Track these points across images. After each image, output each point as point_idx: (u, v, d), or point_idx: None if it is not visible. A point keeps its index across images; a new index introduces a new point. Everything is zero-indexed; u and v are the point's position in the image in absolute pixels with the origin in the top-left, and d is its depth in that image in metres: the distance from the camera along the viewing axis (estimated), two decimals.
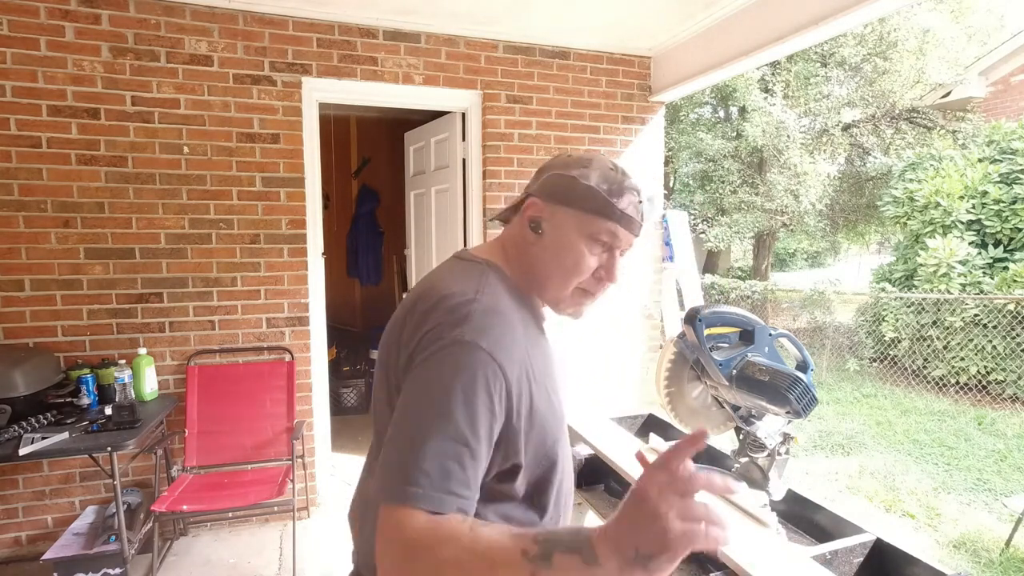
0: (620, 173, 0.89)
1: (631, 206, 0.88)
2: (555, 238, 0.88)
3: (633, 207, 0.88)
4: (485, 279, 0.85)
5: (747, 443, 1.38)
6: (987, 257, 5.67)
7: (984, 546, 2.98)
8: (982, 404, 5.34)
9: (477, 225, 3.45)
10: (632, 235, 0.90)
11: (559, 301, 0.91)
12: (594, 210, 0.86)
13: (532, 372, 0.81)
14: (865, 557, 1.13)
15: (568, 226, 0.87)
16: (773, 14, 2.74)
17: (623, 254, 0.91)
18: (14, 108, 2.55)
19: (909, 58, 7.69)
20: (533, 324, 0.88)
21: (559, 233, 0.87)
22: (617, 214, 0.86)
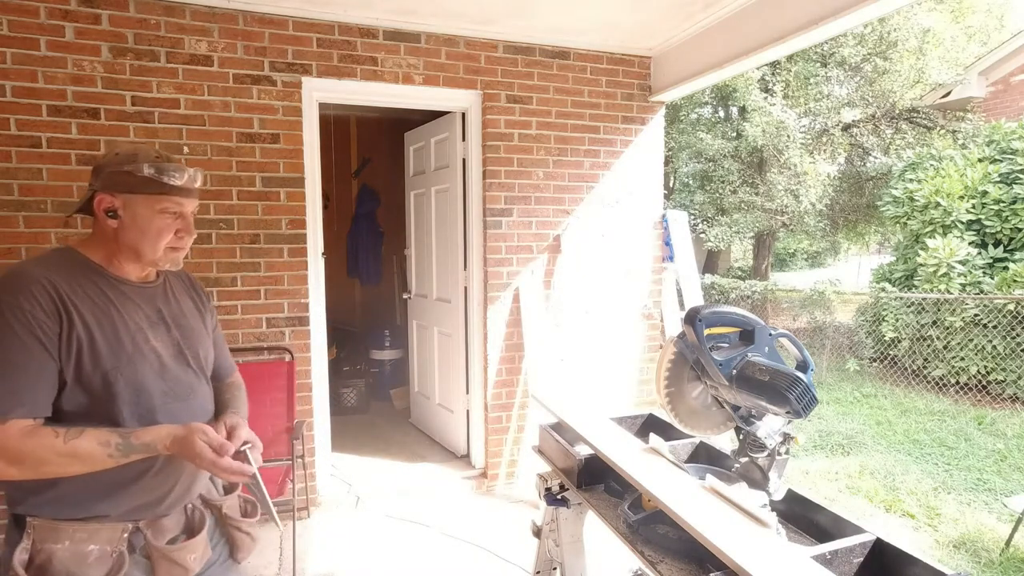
0: (164, 157, 1.18)
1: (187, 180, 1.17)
2: (134, 219, 1.14)
3: (189, 180, 1.17)
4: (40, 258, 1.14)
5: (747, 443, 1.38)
6: (987, 257, 5.66)
7: (984, 546, 2.98)
8: (982, 404, 5.34)
9: (477, 225, 3.45)
10: (190, 199, 1.19)
11: (156, 260, 1.18)
12: (155, 191, 1.13)
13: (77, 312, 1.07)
14: (865, 557, 1.12)
15: (142, 208, 1.14)
16: (773, 14, 2.74)
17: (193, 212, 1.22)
18: (14, 108, 2.55)
19: (909, 58, 7.69)
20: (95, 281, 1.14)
21: (137, 215, 1.14)
22: (175, 189, 1.15)
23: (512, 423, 3.54)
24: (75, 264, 1.15)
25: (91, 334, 1.08)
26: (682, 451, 1.63)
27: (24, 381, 1.02)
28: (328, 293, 3.29)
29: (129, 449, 1.05)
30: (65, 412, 1.08)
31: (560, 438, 1.75)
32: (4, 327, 1.02)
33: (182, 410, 1.20)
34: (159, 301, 1.24)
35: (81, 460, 1.03)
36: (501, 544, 2.86)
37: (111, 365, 1.09)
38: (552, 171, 3.48)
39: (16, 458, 1.00)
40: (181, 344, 1.24)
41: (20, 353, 1.02)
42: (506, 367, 3.52)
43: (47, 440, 1.01)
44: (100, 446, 1.03)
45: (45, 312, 1.04)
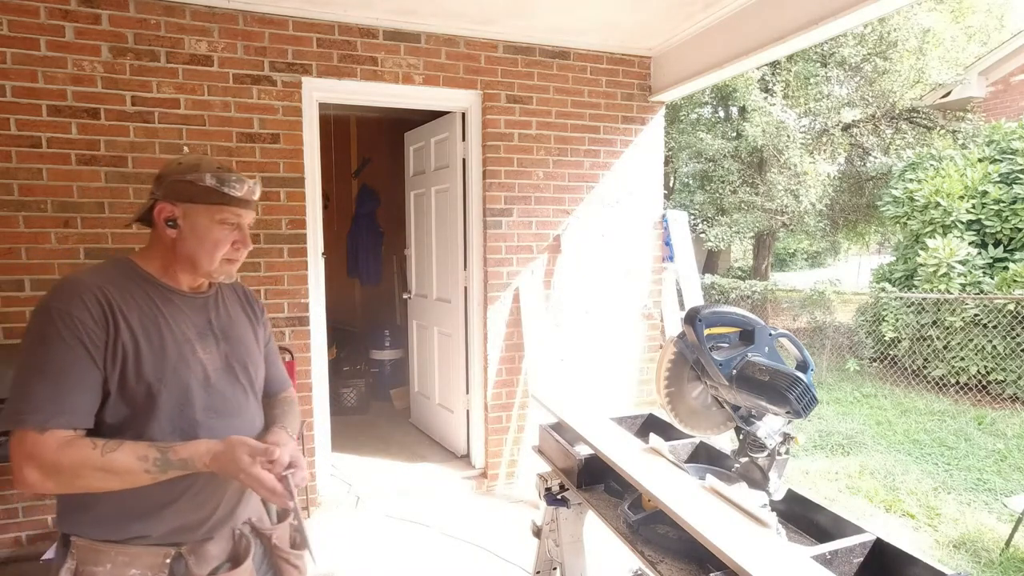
0: (226, 168, 1.17)
1: (246, 191, 1.16)
2: (193, 229, 1.13)
3: (247, 191, 1.16)
4: (94, 267, 1.15)
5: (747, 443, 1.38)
6: (987, 257, 5.66)
7: (984, 546, 2.98)
8: (982, 404, 5.34)
9: (477, 225, 3.45)
10: (250, 211, 1.19)
11: (212, 271, 1.17)
12: (216, 201, 1.13)
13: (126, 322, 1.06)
14: (865, 557, 1.12)
15: (201, 218, 1.13)
16: (773, 14, 2.74)
17: (250, 224, 1.21)
18: (14, 108, 2.55)
19: (909, 58, 7.69)
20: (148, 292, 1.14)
21: (196, 225, 1.13)
22: (235, 200, 1.14)
23: (512, 423, 3.54)
24: (128, 274, 1.14)
25: (137, 343, 1.07)
26: (682, 451, 1.63)
27: (66, 389, 1.01)
28: (328, 293, 3.29)
29: (167, 465, 1.01)
30: (107, 424, 1.06)
31: (560, 438, 1.75)
32: (52, 333, 1.01)
33: (226, 428, 1.15)
34: (210, 312, 1.22)
35: (118, 475, 0.99)
36: (501, 544, 2.86)
37: (155, 375, 1.08)
38: (552, 171, 3.48)
39: (53, 470, 0.98)
40: (230, 357, 1.21)
41: (65, 360, 1.01)
42: (506, 367, 3.52)
43: (84, 452, 0.99)
44: (138, 460, 1.00)
45: (94, 320, 1.03)
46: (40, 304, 1.05)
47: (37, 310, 1.04)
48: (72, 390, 1.01)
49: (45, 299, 1.05)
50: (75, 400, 1.01)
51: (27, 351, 1.02)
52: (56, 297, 1.04)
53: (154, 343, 1.09)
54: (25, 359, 1.02)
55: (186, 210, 1.13)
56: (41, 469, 0.97)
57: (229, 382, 1.19)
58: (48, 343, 1.01)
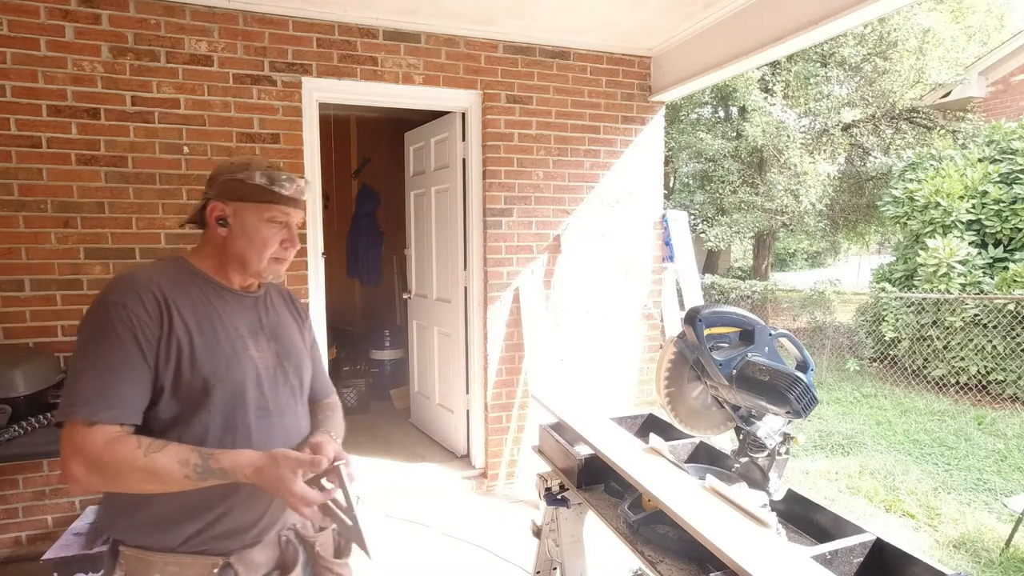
0: (275, 168, 1.18)
1: (295, 190, 1.17)
2: (243, 228, 1.14)
3: (296, 190, 1.17)
4: (151, 264, 1.17)
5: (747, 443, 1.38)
6: (987, 257, 5.66)
7: (984, 546, 2.98)
8: (982, 404, 5.34)
9: (477, 225, 3.45)
10: (297, 210, 1.19)
11: (261, 271, 1.17)
12: (264, 199, 1.14)
13: (181, 318, 1.07)
14: (865, 557, 1.12)
15: (250, 217, 1.14)
16: (773, 14, 2.74)
17: (299, 224, 1.22)
18: (14, 108, 2.55)
19: (909, 58, 7.69)
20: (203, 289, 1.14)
21: (244, 223, 1.14)
22: (282, 198, 1.15)
23: (512, 423, 3.54)
24: (182, 272, 1.15)
25: (191, 338, 1.07)
26: (682, 451, 1.63)
27: (116, 383, 1.00)
28: (328, 293, 3.29)
29: (206, 473, 0.99)
30: (160, 420, 1.06)
31: (560, 438, 1.75)
32: (106, 326, 1.01)
33: (275, 427, 1.15)
34: (260, 311, 1.22)
35: (157, 477, 0.97)
36: (501, 544, 2.86)
37: (210, 371, 1.07)
38: (552, 171, 3.48)
39: (97, 466, 0.97)
40: (280, 356, 1.20)
41: (116, 354, 1.01)
42: (506, 367, 3.52)
43: (128, 450, 0.97)
44: (178, 464, 0.98)
45: (148, 315, 1.04)
46: (96, 299, 1.05)
47: (93, 304, 1.05)
48: (121, 384, 1.01)
49: (101, 294, 1.05)
50: (124, 394, 1.01)
51: (81, 345, 1.03)
52: (112, 291, 1.05)
53: (208, 339, 1.09)
54: (79, 353, 1.02)
55: (236, 209, 1.14)
56: (87, 464, 0.97)
57: (279, 382, 1.18)
58: (102, 337, 1.01)
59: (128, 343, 1.01)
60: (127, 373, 1.01)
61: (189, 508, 1.06)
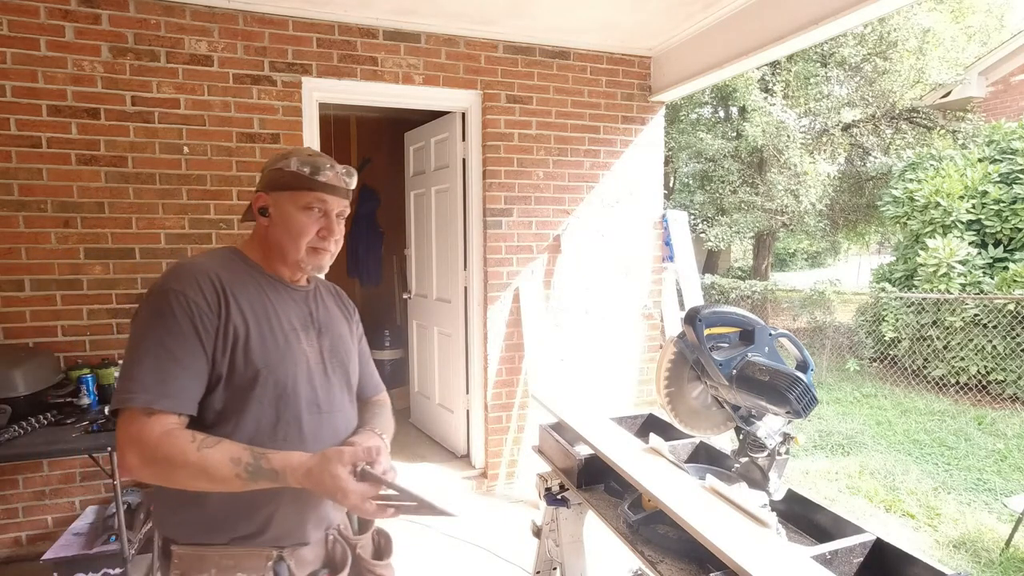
0: (316, 155, 1.15)
1: (333, 177, 1.14)
2: (281, 216, 1.14)
3: (335, 178, 1.15)
4: (207, 254, 1.16)
5: (747, 443, 1.38)
6: (987, 257, 5.66)
7: (984, 546, 2.98)
8: (982, 404, 5.34)
9: (477, 225, 3.45)
10: (338, 198, 1.16)
11: (299, 261, 1.15)
12: (301, 187, 1.12)
13: (239, 307, 1.06)
14: (865, 557, 1.12)
15: (287, 205, 1.13)
16: (773, 14, 2.74)
17: (341, 216, 1.19)
18: (14, 108, 2.55)
19: (909, 58, 7.69)
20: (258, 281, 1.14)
21: (282, 212, 1.13)
22: (320, 185, 1.13)
23: (512, 423, 3.54)
24: (237, 262, 1.15)
25: (247, 327, 1.06)
26: (682, 451, 1.63)
27: (176, 372, 0.99)
28: None
29: (257, 473, 0.96)
30: (214, 411, 1.05)
31: (560, 438, 1.75)
32: (166, 314, 1.01)
33: (325, 423, 1.14)
34: (311, 305, 1.22)
35: (208, 475, 0.95)
36: (501, 544, 2.86)
37: (263, 361, 1.06)
38: (552, 171, 3.48)
39: (151, 457, 0.95)
40: (330, 352, 1.19)
41: (176, 342, 1.00)
42: (506, 367, 3.52)
43: (182, 443, 0.96)
44: (231, 463, 0.95)
45: (207, 303, 1.03)
46: (154, 287, 1.04)
47: (151, 292, 1.04)
48: (181, 373, 1.00)
49: (160, 282, 1.05)
50: (183, 384, 1.00)
51: (139, 332, 1.02)
52: (172, 279, 1.04)
53: (263, 330, 1.08)
54: (136, 340, 1.01)
55: (276, 198, 1.14)
56: (142, 455, 0.95)
57: (329, 377, 1.17)
58: (161, 324, 1.00)
59: (188, 332, 1.00)
60: (187, 362, 1.00)
61: (239, 507, 1.05)
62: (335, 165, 1.15)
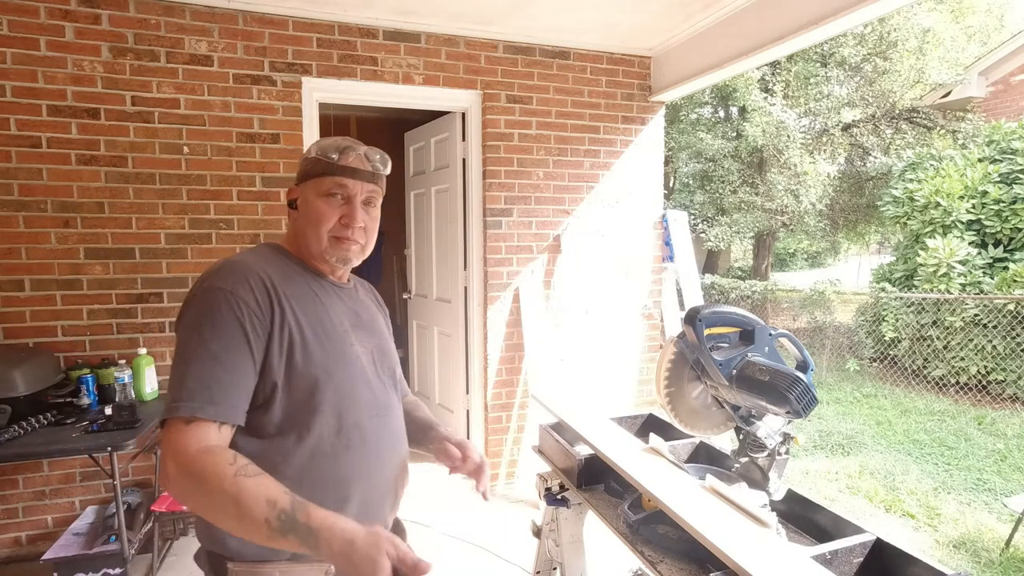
0: (340, 139, 1.09)
1: (355, 160, 1.07)
2: (304, 206, 1.09)
3: (358, 160, 1.07)
4: (252, 251, 1.08)
5: (747, 443, 1.38)
6: (987, 257, 5.67)
7: (984, 546, 2.98)
8: (982, 404, 5.34)
9: (477, 225, 3.45)
10: (362, 182, 1.08)
11: (322, 251, 1.08)
12: (321, 173, 1.06)
13: (291, 307, 0.99)
14: (865, 557, 1.12)
15: (309, 193, 1.08)
16: (773, 14, 2.74)
17: (370, 203, 1.11)
18: (14, 108, 2.55)
19: (909, 58, 7.69)
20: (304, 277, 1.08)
21: (305, 201, 1.08)
22: (339, 168, 1.06)
23: (512, 423, 3.54)
24: (282, 259, 1.09)
25: (302, 330, 0.99)
26: (682, 451, 1.63)
27: (222, 376, 0.91)
28: None
29: (290, 526, 0.81)
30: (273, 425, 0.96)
31: (560, 438, 1.75)
32: (215, 313, 0.92)
33: (385, 427, 1.09)
34: (354, 303, 1.16)
35: (238, 509, 0.82)
36: (501, 544, 2.86)
37: (322, 367, 0.99)
38: (552, 171, 3.48)
39: (186, 468, 0.85)
40: (379, 351, 1.14)
41: (223, 346, 0.91)
42: (506, 367, 3.52)
43: (219, 464, 0.85)
44: (265, 504, 0.82)
45: (259, 304, 0.95)
46: (199, 287, 0.96)
47: (196, 293, 0.96)
48: (225, 379, 0.91)
49: (205, 281, 0.96)
50: (229, 391, 0.91)
51: (185, 336, 0.93)
52: (218, 277, 0.96)
53: (318, 332, 1.01)
54: (182, 345, 0.93)
55: (302, 189, 1.09)
56: (178, 464, 0.86)
57: (381, 378, 1.12)
58: (208, 326, 0.92)
59: (237, 334, 0.92)
60: (235, 367, 0.92)
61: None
62: (359, 147, 1.08)
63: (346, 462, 1.02)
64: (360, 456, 1.02)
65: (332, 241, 1.07)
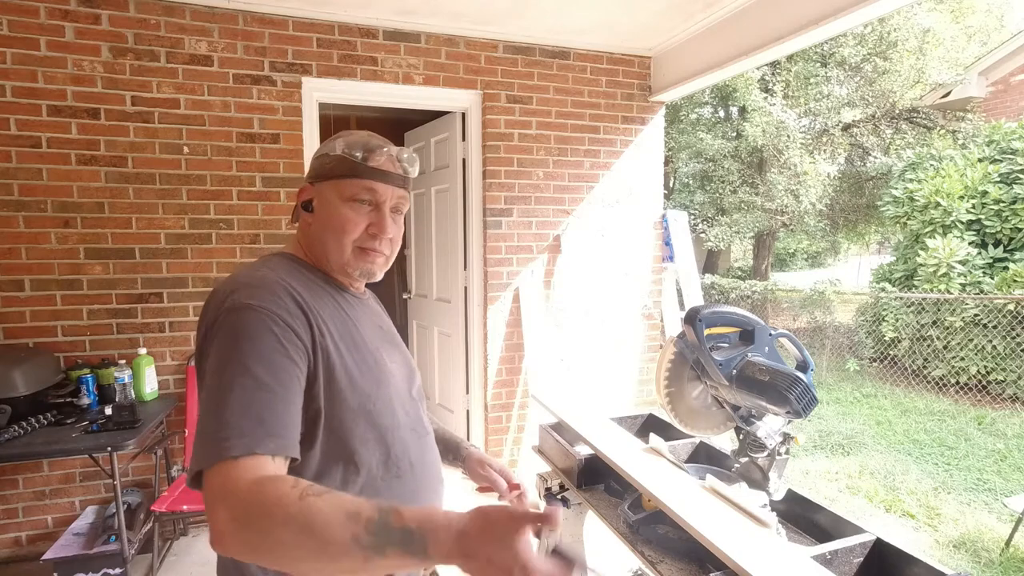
0: (367, 136, 0.96)
1: (385, 162, 0.94)
2: (323, 210, 0.95)
3: (389, 162, 0.95)
4: (263, 262, 0.93)
5: (747, 443, 1.38)
6: (987, 257, 5.67)
7: (984, 546, 2.98)
8: (982, 404, 5.34)
9: (477, 225, 3.45)
10: (392, 187, 0.95)
11: (344, 264, 0.96)
12: (347, 174, 0.93)
13: (326, 327, 0.87)
14: (865, 557, 1.12)
15: (330, 196, 0.94)
16: (773, 14, 2.74)
17: (398, 210, 0.98)
18: (14, 108, 2.54)
19: (909, 58, 7.69)
20: (328, 291, 0.95)
21: (325, 205, 0.95)
22: (368, 171, 0.93)
23: (512, 423, 3.54)
24: (300, 268, 0.95)
25: (340, 351, 0.88)
26: (682, 451, 1.63)
27: (273, 404, 0.76)
28: None
29: (385, 536, 0.63)
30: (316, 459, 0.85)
31: (560, 438, 1.75)
32: (252, 334, 0.78)
33: (426, 447, 1.00)
34: (374, 315, 1.05)
35: (315, 535, 0.63)
36: None
37: (364, 391, 0.88)
38: (552, 171, 3.48)
39: (243, 514, 0.66)
40: (406, 365, 1.04)
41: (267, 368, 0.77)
42: (506, 367, 3.52)
43: (281, 490, 0.66)
44: (346, 519, 0.63)
45: (296, 322, 0.83)
46: (223, 308, 0.81)
47: (223, 314, 0.80)
48: (280, 407, 0.76)
49: (230, 300, 0.81)
50: (284, 420, 0.76)
51: (215, 367, 0.77)
52: (244, 294, 0.82)
53: (353, 352, 0.90)
54: (215, 378, 0.77)
55: (320, 189, 0.95)
56: (233, 512, 0.66)
57: (411, 395, 1.01)
58: (249, 348, 0.77)
59: (281, 357, 0.79)
60: (287, 394, 0.78)
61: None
62: (389, 147, 0.96)
63: (398, 493, 0.93)
64: (410, 483, 0.94)
65: (357, 252, 0.95)
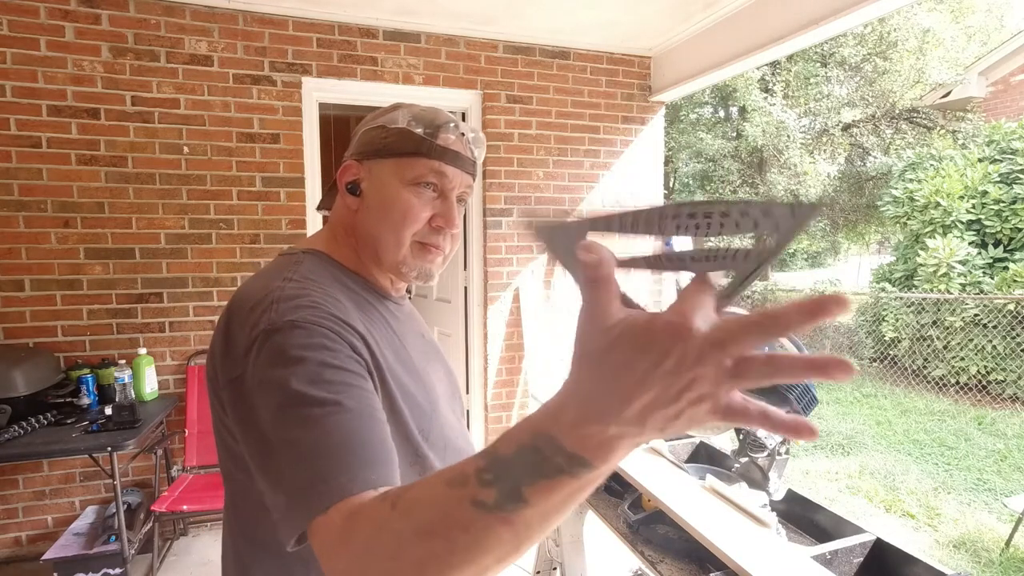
0: (433, 111, 0.80)
1: (455, 142, 0.78)
2: (377, 194, 0.77)
3: (459, 142, 0.79)
4: (295, 269, 0.74)
5: (747, 443, 1.38)
6: (987, 257, 5.67)
7: (984, 546, 2.98)
8: (982, 404, 5.34)
9: (477, 224, 3.45)
10: (462, 172, 0.79)
11: (399, 262, 0.78)
12: (411, 152, 0.76)
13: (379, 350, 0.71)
14: (865, 557, 1.12)
15: (387, 177, 0.77)
16: (773, 14, 2.74)
17: (462, 199, 0.82)
18: (14, 108, 2.55)
19: (909, 58, 7.70)
20: (371, 302, 0.79)
21: (379, 187, 0.77)
22: (438, 150, 0.76)
23: (512, 423, 3.53)
24: (337, 271, 0.78)
25: (393, 369, 0.73)
26: (682, 451, 1.63)
27: (367, 434, 0.58)
28: None
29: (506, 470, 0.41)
30: None
31: None
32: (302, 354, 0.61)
33: None
34: (416, 323, 0.91)
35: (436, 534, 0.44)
36: None
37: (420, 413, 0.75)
38: (552, 171, 3.48)
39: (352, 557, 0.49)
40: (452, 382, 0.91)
41: (334, 388, 0.59)
42: (506, 367, 3.52)
43: (375, 514, 0.50)
44: (448, 487, 0.44)
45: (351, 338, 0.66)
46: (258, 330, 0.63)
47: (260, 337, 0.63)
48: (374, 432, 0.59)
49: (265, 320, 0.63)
50: (379, 446, 0.59)
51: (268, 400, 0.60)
52: (288, 310, 0.64)
53: (408, 369, 0.76)
54: (272, 414, 0.59)
55: (372, 168, 0.77)
56: (330, 562, 0.50)
57: (458, 414, 0.89)
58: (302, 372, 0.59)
59: (356, 374, 0.63)
60: (371, 410, 0.61)
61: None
62: (459, 124, 0.80)
63: None
64: None
65: (416, 248, 0.78)
